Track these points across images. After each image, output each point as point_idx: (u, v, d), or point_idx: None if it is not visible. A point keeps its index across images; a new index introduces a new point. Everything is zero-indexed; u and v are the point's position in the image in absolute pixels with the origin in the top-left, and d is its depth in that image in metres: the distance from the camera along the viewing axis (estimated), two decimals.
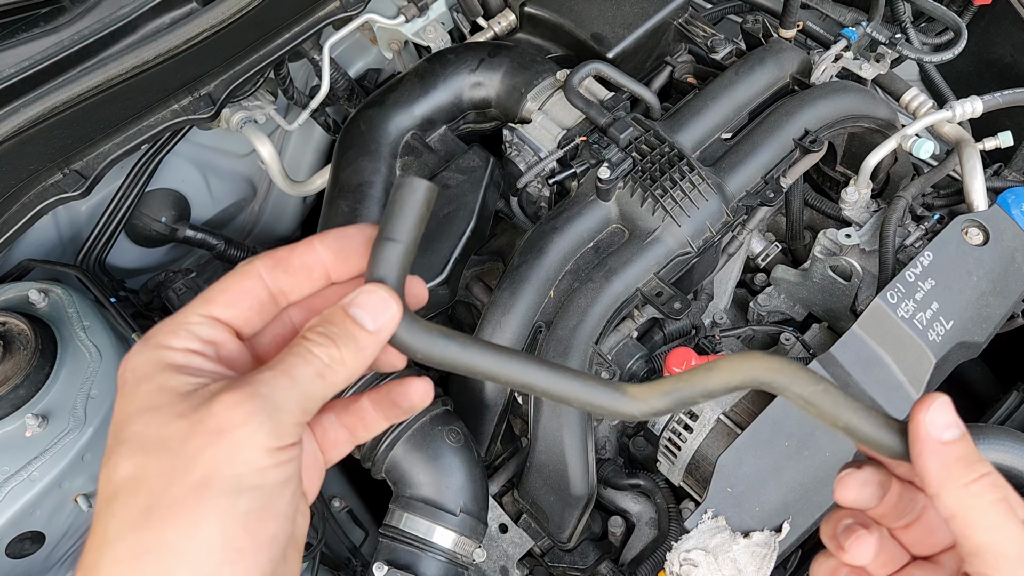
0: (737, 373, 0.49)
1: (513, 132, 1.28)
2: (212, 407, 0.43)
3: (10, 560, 1.19)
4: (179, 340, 0.47)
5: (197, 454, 0.42)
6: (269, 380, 0.45)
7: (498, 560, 1.14)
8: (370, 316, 0.47)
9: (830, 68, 1.40)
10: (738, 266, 1.36)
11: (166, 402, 0.44)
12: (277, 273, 0.49)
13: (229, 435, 0.43)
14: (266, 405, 0.44)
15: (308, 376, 0.46)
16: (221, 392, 0.44)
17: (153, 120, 1.24)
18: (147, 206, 1.55)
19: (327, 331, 0.47)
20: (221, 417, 0.43)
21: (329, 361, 0.46)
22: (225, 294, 0.49)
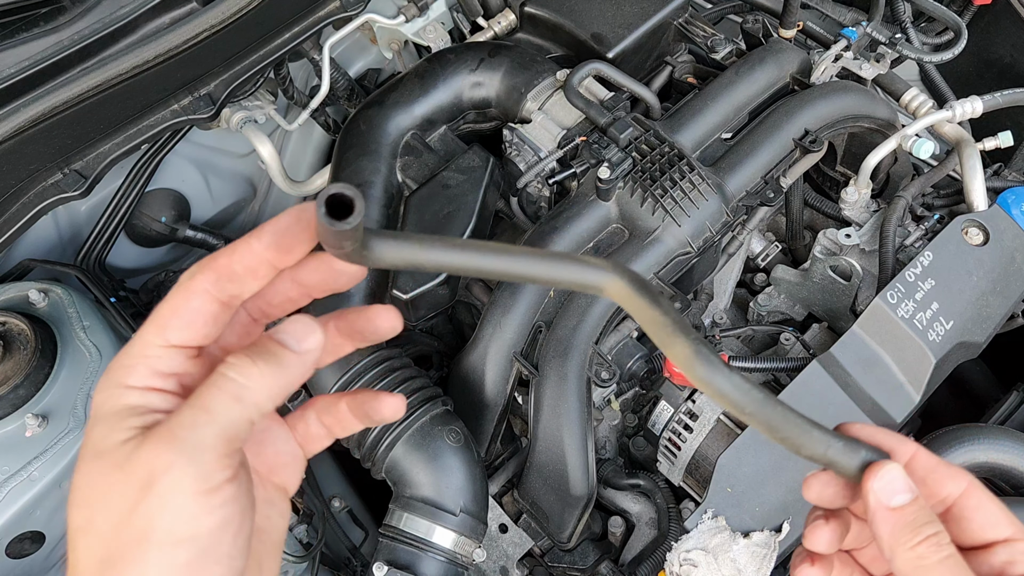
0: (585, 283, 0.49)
1: (513, 132, 1.28)
2: (140, 456, 0.43)
3: (10, 560, 1.19)
4: (137, 377, 0.47)
5: (133, 508, 0.43)
6: (187, 420, 0.44)
7: (498, 560, 1.14)
8: (294, 339, 0.47)
9: (830, 68, 1.40)
10: (738, 266, 1.36)
11: (108, 449, 0.45)
12: (223, 283, 0.48)
13: (156, 486, 0.43)
14: (185, 448, 0.43)
15: (224, 404, 0.45)
16: (146, 440, 0.44)
17: (153, 120, 1.24)
18: (147, 206, 1.56)
19: (246, 351, 0.47)
20: (147, 467, 0.43)
21: (245, 380, 0.46)
22: (177, 317, 0.48)
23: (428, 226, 1.19)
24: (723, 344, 1.29)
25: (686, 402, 1.17)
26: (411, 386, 1.10)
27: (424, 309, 1.17)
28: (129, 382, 0.47)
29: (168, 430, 0.44)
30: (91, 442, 0.46)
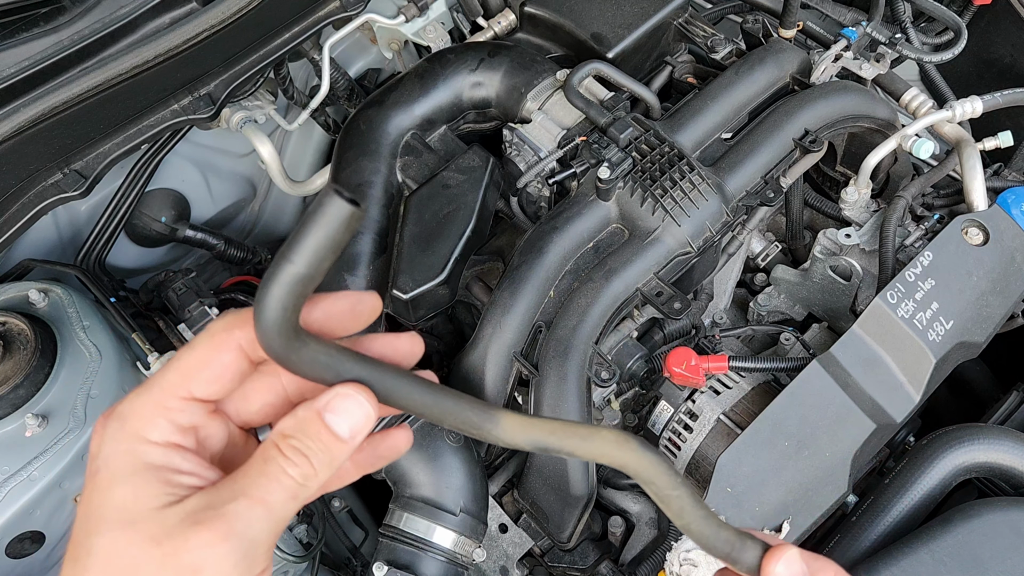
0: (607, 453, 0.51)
1: (513, 132, 1.28)
2: (188, 541, 0.41)
3: (10, 560, 1.19)
4: (158, 431, 0.45)
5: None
6: (244, 513, 0.43)
7: (498, 560, 1.14)
8: (344, 422, 0.45)
9: (830, 68, 1.40)
10: (738, 266, 1.36)
11: (141, 518, 0.42)
12: (256, 344, 0.46)
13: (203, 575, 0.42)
14: (242, 544, 0.42)
15: (282, 501, 0.44)
16: (198, 523, 0.42)
17: (153, 120, 1.24)
18: (147, 206, 1.56)
19: (301, 446, 0.45)
20: (197, 555, 0.41)
21: (303, 480, 0.45)
22: (206, 369, 0.46)
23: (428, 226, 1.19)
24: (723, 344, 1.29)
25: (686, 402, 1.17)
26: None
27: (424, 309, 1.17)
28: (150, 437, 0.45)
29: (224, 520, 0.42)
30: (117, 504, 0.43)
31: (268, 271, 0.44)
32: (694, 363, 1.11)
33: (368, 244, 1.21)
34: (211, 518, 0.42)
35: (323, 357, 0.46)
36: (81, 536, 0.43)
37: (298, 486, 0.45)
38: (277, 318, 0.43)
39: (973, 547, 0.99)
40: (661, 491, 0.52)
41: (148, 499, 0.43)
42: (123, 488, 0.43)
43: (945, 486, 1.08)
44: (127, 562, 0.41)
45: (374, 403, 0.46)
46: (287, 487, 0.44)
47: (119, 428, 0.45)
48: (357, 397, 0.46)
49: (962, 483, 1.10)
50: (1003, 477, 1.10)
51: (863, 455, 1.07)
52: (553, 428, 0.50)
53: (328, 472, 0.46)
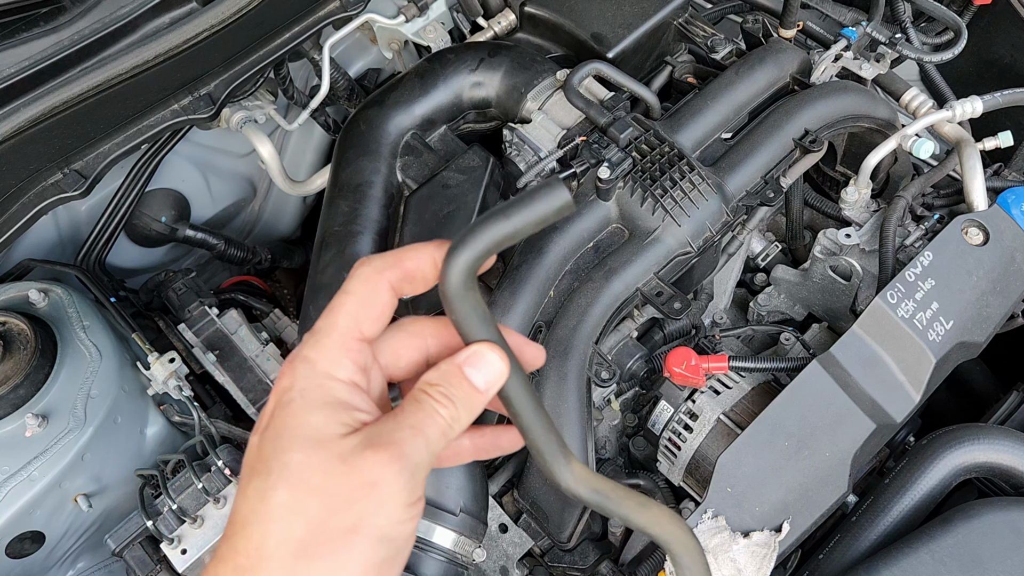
0: (655, 525, 0.53)
1: (513, 132, 1.28)
2: (367, 459, 0.48)
3: (10, 560, 1.19)
4: (343, 370, 0.51)
5: (351, 502, 0.47)
6: (409, 440, 0.49)
7: (498, 560, 1.14)
8: (481, 375, 0.52)
9: (830, 68, 1.40)
10: (738, 266, 1.36)
11: (330, 440, 0.49)
12: (403, 284, 0.53)
13: (379, 489, 0.48)
14: (408, 466, 0.49)
15: (436, 436, 0.51)
16: (374, 446, 0.48)
17: (153, 120, 1.24)
18: (147, 206, 1.56)
19: (447, 392, 0.52)
20: (374, 472, 0.48)
21: (451, 422, 0.51)
22: (370, 309, 0.52)
23: (428, 226, 1.19)
24: (723, 344, 1.29)
25: (686, 402, 1.17)
26: None
27: (424, 309, 1.17)
28: (338, 375, 0.51)
29: (395, 444, 0.49)
30: (310, 428, 0.49)
31: (483, 219, 0.49)
32: (694, 363, 1.11)
33: (368, 244, 1.21)
34: (384, 443, 0.49)
35: (477, 310, 0.51)
36: (274, 453, 0.49)
37: (447, 425, 0.51)
38: (470, 258, 0.49)
39: (973, 547, 0.99)
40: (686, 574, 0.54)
41: (335, 426, 0.49)
42: (316, 415, 0.49)
43: (945, 486, 1.08)
44: (319, 475, 0.48)
45: (507, 364, 0.52)
46: (439, 424, 0.51)
47: (310, 368, 0.51)
48: (492, 354, 0.51)
49: (962, 483, 1.10)
50: (1003, 477, 1.10)
51: (863, 455, 1.07)
52: (615, 488, 0.53)
53: (469, 418, 0.52)
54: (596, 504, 0.53)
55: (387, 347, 0.55)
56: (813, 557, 1.07)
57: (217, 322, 1.36)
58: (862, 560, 1.02)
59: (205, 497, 1.17)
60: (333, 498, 0.47)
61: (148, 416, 1.30)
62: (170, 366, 1.26)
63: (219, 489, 1.19)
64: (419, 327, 0.56)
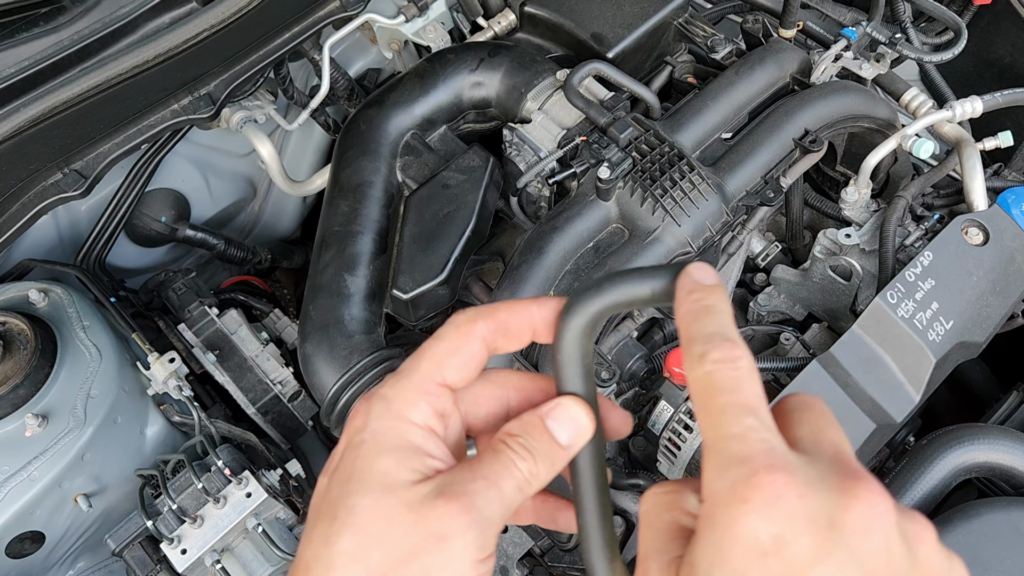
0: None
1: (513, 132, 1.28)
2: (436, 510, 0.46)
3: (10, 560, 1.19)
4: (420, 414, 0.49)
5: (417, 554, 0.45)
6: (483, 492, 0.47)
7: (498, 560, 1.14)
8: (564, 430, 0.50)
9: (830, 68, 1.40)
10: (738, 266, 1.36)
11: (400, 487, 0.47)
12: (497, 336, 0.51)
13: (448, 543, 0.46)
14: (480, 520, 0.46)
15: (511, 490, 0.48)
16: (444, 496, 0.46)
17: (153, 120, 1.24)
18: (147, 206, 1.55)
19: (527, 444, 0.49)
20: (443, 524, 0.46)
21: (529, 477, 0.49)
22: (456, 357, 0.51)
23: (428, 226, 1.19)
24: None
25: (686, 402, 1.17)
26: None
27: (424, 309, 1.17)
28: (413, 418, 0.49)
29: (467, 496, 0.47)
30: (379, 472, 0.47)
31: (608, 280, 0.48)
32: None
33: (368, 244, 1.21)
34: (456, 494, 0.47)
35: (582, 363, 0.50)
36: (341, 496, 0.47)
37: (524, 479, 0.49)
38: (586, 322, 0.48)
39: (973, 547, 0.99)
40: None
41: (406, 472, 0.48)
42: (388, 459, 0.48)
43: (945, 486, 1.08)
44: (385, 522, 0.46)
45: (593, 422, 0.50)
46: (516, 477, 0.49)
47: (385, 408, 0.49)
48: (578, 409, 0.50)
49: (962, 483, 1.10)
50: (1003, 477, 1.10)
51: (863, 455, 1.07)
52: None
53: (548, 475, 0.50)
54: None
55: (468, 394, 0.54)
56: None
57: (217, 322, 1.37)
58: None
59: (205, 497, 1.17)
60: (398, 549, 0.45)
61: (148, 416, 1.30)
62: (170, 366, 1.26)
63: (219, 489, 1.19)
64: (502, 378, 0.54)
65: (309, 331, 1.15)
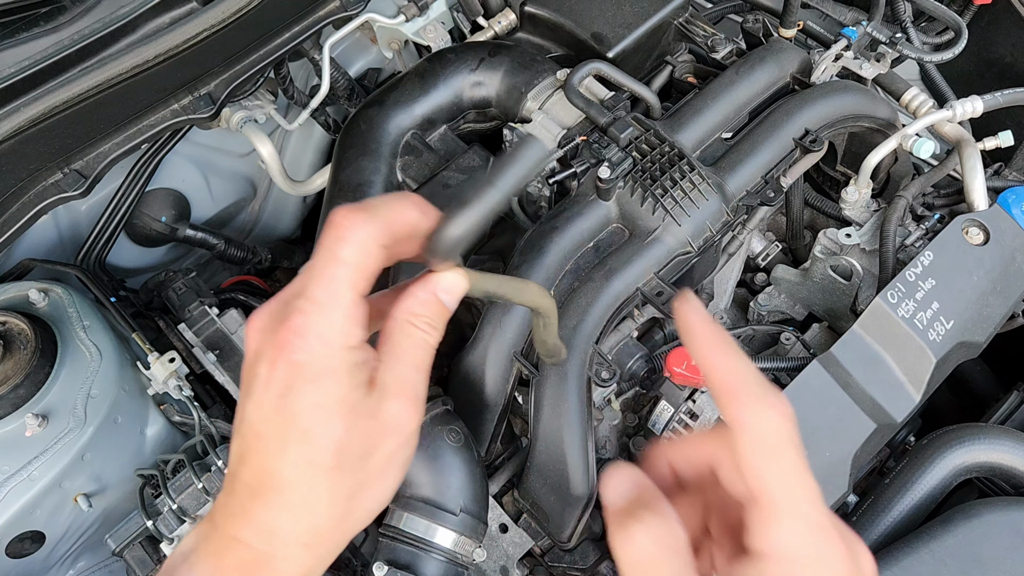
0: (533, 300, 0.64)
1: (513, 132, 1.28)
2: (390, 409, 0.55)
3: (10, 560, 1.19)
4: (354, 337, 0.55)
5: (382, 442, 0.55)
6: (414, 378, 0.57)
7: (498, 560, 1.14)
8: (453, 299, 0.59)
9: (830, 67, 1.40)
10: (738, 266, 1.36)
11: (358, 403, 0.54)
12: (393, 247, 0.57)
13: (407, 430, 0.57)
14: (420, 400, 0.57)
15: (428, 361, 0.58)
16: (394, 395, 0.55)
17: (153, 120, 1.24)
18: (147, 206, 1.55)
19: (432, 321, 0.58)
20: (402, 418, 0.56)
21: (435, 344, 0.59)
22: (362, 271, 0.55)
23: None
24: None
25: (686, 402, 1.17)
26: None
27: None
28: (350, 343, 0.55)
29: (408, 389, 0.56)
30: (340, 395, 0.53)
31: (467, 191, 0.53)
32: (695, 363, 1.11)
33: None
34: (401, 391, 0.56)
35: None
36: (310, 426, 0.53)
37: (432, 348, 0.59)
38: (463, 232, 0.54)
39: (974, 547, 0.99)
40: None
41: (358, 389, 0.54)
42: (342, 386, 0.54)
43: (945, 486, 1.08)
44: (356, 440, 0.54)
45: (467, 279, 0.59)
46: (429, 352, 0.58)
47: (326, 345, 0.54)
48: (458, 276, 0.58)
49: (962, 483, 1.10)
50: (1003, 477, 1.10)
51: (863, 455, 1.07)
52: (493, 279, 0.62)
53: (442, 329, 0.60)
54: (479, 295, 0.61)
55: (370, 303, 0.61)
56: None
57: (217, 322, 1.36)
58: None
59: (205, 497, 1.17)
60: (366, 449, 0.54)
61: (148, 416, 1.30)
62: (170, 366, 1.25)
63: (219, 489, 1.19)
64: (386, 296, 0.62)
65: None
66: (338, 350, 0.54)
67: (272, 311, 0.55)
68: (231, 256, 1.68)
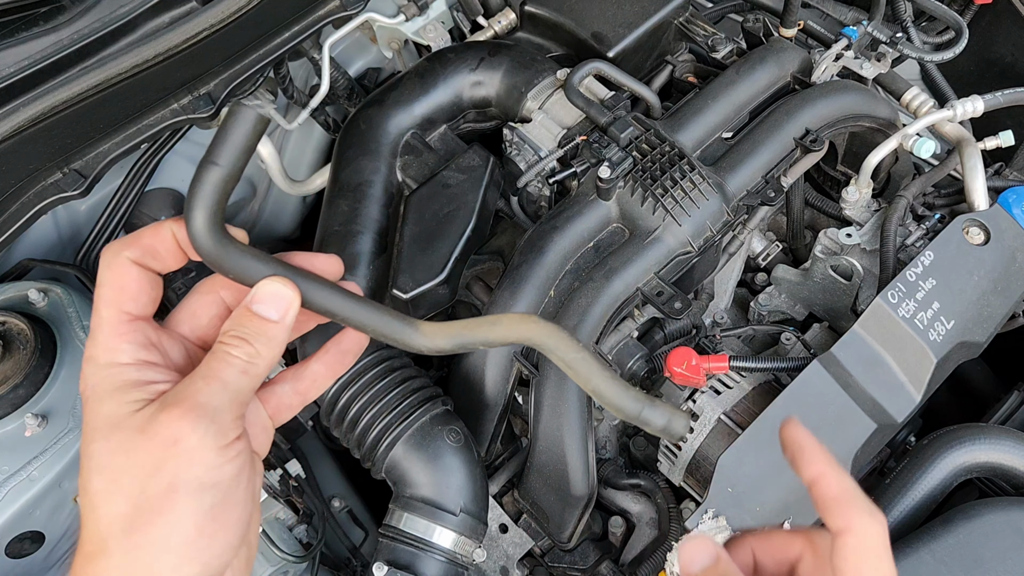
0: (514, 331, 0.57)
1: (513, 131, 1.28)
2: (162, 420, 0.50)
3: (10, 560, 1.19)
4: (125, 354, 0.53)
5: (160, 465, 0.49)
6: (204, 389, 0.51)
7: (498, 560, 1.14)
8: (272, 307, 0.54)
9: (831, 67, 1.40)
10: (739, 265, 1.36)
11: (124, 419, 0.51)
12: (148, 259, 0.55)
13: (182, 443, 0.50)
14: (206, 412, 0.51)
15: (234, 376, 0.53)
16: (167, 407, 0.50)
17: (153, 119, 1.24)
18: (147, 205, 1.55)
19: (239, 332, 0.54)
20: (171, 429, 0.50)
21: (248, 358, 0.54)
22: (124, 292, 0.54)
23: (428, 225, 1.19)
24: (724, 344, 1.29)
25: (687, 402, 1.17)
26: (411, 386, 1.10)
27: (424, 309, 1.17)
28: (120, 360, 0.53)
29: (186, 398, 0.51)
30: (103, 417, 0.51)
31: (195, 176, 0.51)
32: (695, 363, 1.10)
33: (368, 244, 1.20)
34: (177, 401, 0.51)
35: (247, 257, 0.53)
36: (83, 459, 0.51)
37: (245, 363, 0.53)
38: (207, 216, 0.51)
39: (974, 547, 0.99)
40: (566, 356, 0.56)
41: (128, 406, 0.51)
42: (107, 404, 0.52)
43: (946, 486, 1.08)
44: (121, 453, 0.50)
45: (295, 289, 0.54)
46: (236, 364, 0.53)
47: (93, 365, 0.53)
48: (277, 285, 0.54)
49: (963, 483, 1.10)
50: (1004, 477, 1.09)
51: (864, 455, 1.07)
52: (466, 324, 0.56)
53: (270, 351, 0.54)
54: (459, 346, 0.56)
55: (184, 313, 0.58)
56: None
57: None
58: None
59: None
60: (142, 468, 0.49)
61: None
62: None
63: None
64: (208, 284, 0.59)
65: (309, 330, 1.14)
66: (102, 368, 0.52)
67: None
68: None
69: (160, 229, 0.55)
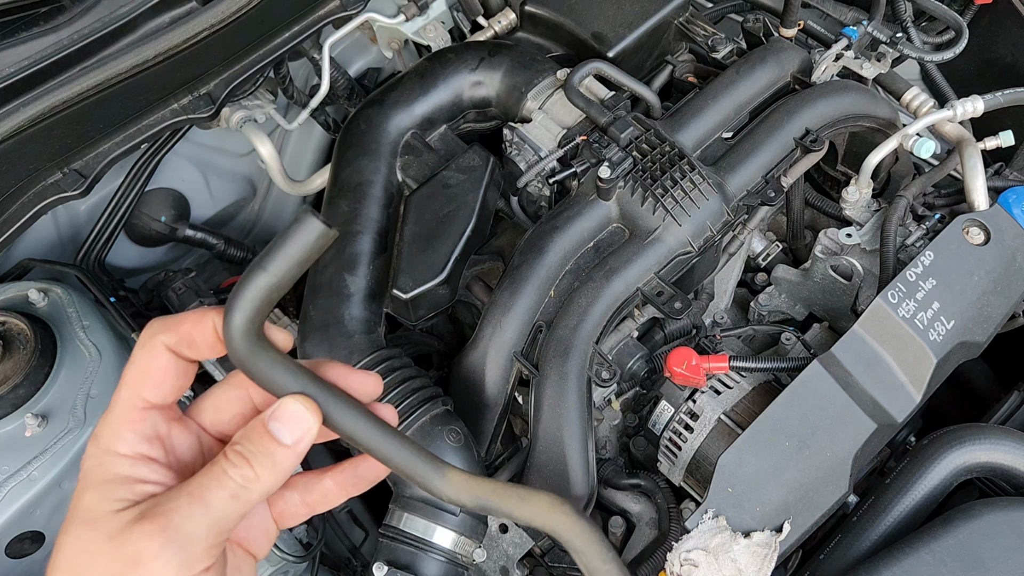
0: (542, 517, 0.51)
1: (513, 131, 1.28)
2: (132, 535, 0.46)
3: (10, 560, 1.19)
4: (125, 444, 0.50)
5: (109, 568, 0.46)
6: (183, 508, 0.47)
7: (498, 560, 1.14)
8: (288, 430, 0.50)
9: (831, 67, 1.40)
10: (739, 265, 1.36)
11: (100, 517, 0.47)
12: (182, 347, 0.51)
13: (144, 567, 0.46)
14: (177, 537, 0.46)
15: (221, 500, 0.48)
16: (143, 519, 0.46)
17: (153, 119, 1.24)
18: (147, 205, 1.55)
19: (244, 449, 0.49)
20: (137, 547, 0.46)
21: (243, 482, 0.49)
22: (149, 376, 0.51)
23: (428, 225, 1.19)
24: (724, 344, 1.29)
25: (687, 402, 1.17)
26: (411, 386, 1.10)
27: (424, 309, 1.17)
28: (118, 449, 0.49)
29: (163, 515, 0.46)
30: (82, 508, 0.48)
31: (243, 276, 0.48)
32: (695, 363, 1.10)
33: (368, 244, 1.20)
34: (155, 515, 0.46)
35: (278, 367, 0.50)
36: (58, 540, 0.48)
37: (238, 487, 0.49)
38: (244, 319, 0.48)
39: (974, 547, 0.99)
40: (591, 563, 0.50)
41: (110, 503, 0.48)
42: (90, 493, 0.48)
43: (946, 486, 1.08)
44: (87, 555, 0.47)
45: (317, 414, 0.50)
46: (226, 487, 0.48)
47: (95, 445, 0.50)
48: (300, 406, 0.49)
49: (963, 483, 1.10)
50: (1004, 477, 1.09)
51: (864, 455, 1.07)
52: (495, 490, 0.51)
53: (273, 477, 0.50)
54: (481, 508, 0.51)
55: (208, 403, 0.54)
56: (814, 557, 1.07)
57: None
58: (863, 560, 1.02)
59: None
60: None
61: None
62: None
63: None
64: (240, 379, 0.54)
65: (309, 331, 1.14)
66: (100, 451, 0.49)
67: None
68: (231, 256, 1.67)
69: (203, 319, 0.51)
